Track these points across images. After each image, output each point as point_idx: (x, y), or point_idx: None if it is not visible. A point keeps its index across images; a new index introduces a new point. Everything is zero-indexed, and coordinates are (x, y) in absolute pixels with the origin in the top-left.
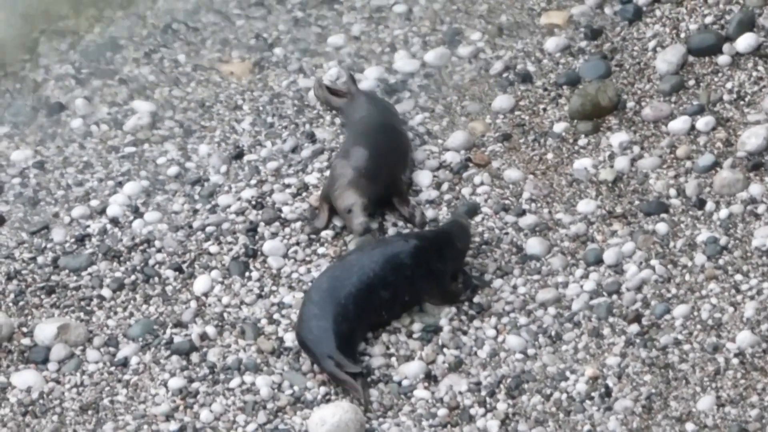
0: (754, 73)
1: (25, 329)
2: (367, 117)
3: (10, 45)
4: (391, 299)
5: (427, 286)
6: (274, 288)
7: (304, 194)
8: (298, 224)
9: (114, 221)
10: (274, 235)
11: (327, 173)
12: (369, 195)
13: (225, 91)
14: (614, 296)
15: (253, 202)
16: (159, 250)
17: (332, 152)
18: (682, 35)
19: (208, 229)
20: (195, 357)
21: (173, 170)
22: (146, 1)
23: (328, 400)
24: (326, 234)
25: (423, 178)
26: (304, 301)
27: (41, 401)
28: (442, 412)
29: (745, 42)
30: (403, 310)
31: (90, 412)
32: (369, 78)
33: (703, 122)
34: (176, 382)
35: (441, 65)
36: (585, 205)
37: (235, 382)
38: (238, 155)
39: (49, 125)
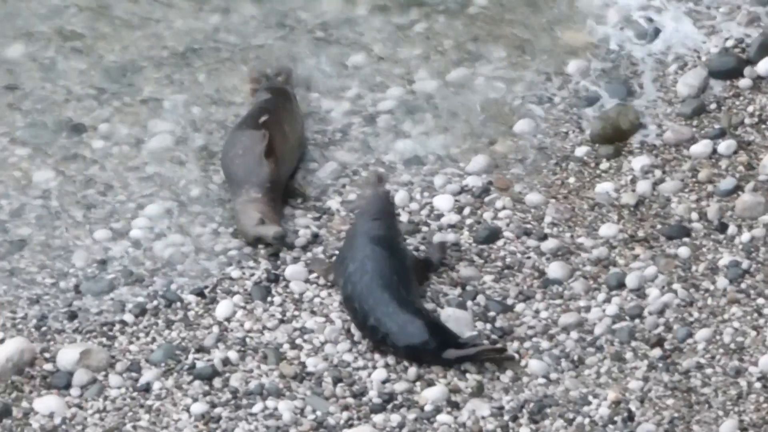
0: None
1: (47, 354)
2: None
3: (27, 65)
4: (415, 266)
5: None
6: (296, 313)
7: (325, 217)
8: (320, 249)
9: (136, 244)
10: (296, 259)
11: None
12: None
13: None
14: (636, 320)
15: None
16: (181, 275)
17: (353, 174)
18: (703, 58)
19: (230, 253)
20: (217, 382)
21: (195, 192)
22: (164, 22)
23: (351, 425)
24: None
25: (444, 202)
26: (368, 312)
27: (63, 426)
28: None
29: (766, 65)
30: None
31: None
32: (390, 97)
33: (725, 146)
34: (199, 407)
35: (462, 85)
36: (607, 229)
37: (257, 407)
38: None
39: (70, 146)
